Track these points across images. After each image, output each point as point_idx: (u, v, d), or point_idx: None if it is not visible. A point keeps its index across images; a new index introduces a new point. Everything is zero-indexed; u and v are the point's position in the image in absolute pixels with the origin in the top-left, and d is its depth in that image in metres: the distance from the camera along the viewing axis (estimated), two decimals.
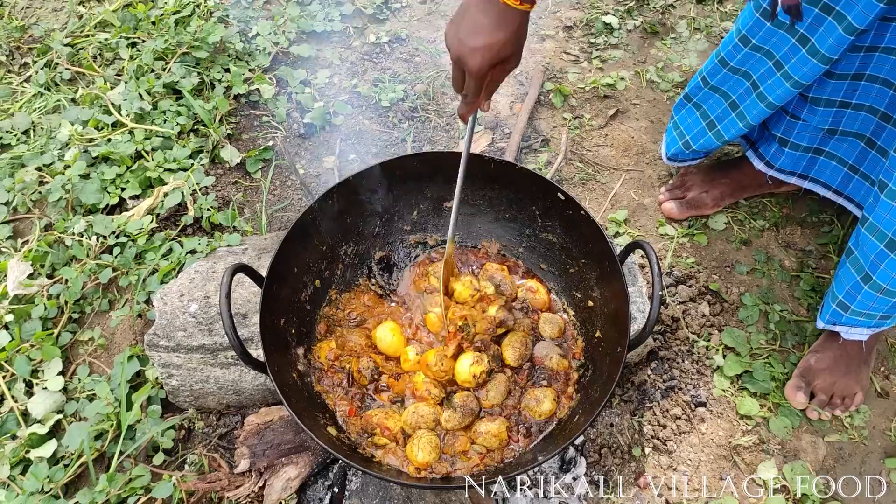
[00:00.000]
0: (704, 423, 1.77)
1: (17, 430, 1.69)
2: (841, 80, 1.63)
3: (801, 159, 1.90)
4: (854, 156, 1.78)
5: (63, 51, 2.49)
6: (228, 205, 2.11)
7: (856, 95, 1.65)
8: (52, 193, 2.06)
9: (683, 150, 2.01)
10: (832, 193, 1.93)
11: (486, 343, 1.58)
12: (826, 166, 1.88)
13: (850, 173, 1.82)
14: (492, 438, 1.48)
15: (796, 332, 1.91)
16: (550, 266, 1.74)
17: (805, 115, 1.76)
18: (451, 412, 1.51)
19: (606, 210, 2.16)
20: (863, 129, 1.70)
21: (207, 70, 2.40)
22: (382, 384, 1.59)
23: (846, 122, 1.72)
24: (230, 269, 1.36)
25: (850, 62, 1.58)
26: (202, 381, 1.65)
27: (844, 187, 1.88)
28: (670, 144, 2.07)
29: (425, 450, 1.45)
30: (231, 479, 1.60)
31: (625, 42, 2.67)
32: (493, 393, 1.54)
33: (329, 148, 2.30)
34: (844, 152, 1.80)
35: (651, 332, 1.46)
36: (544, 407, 1.53)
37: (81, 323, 1.90)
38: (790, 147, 1.87)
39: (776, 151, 1.92)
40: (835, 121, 1.73)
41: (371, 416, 1.52)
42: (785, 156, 1.90)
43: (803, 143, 1.85)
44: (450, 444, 1.49)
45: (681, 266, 2.03)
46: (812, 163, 1.90)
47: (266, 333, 1.42)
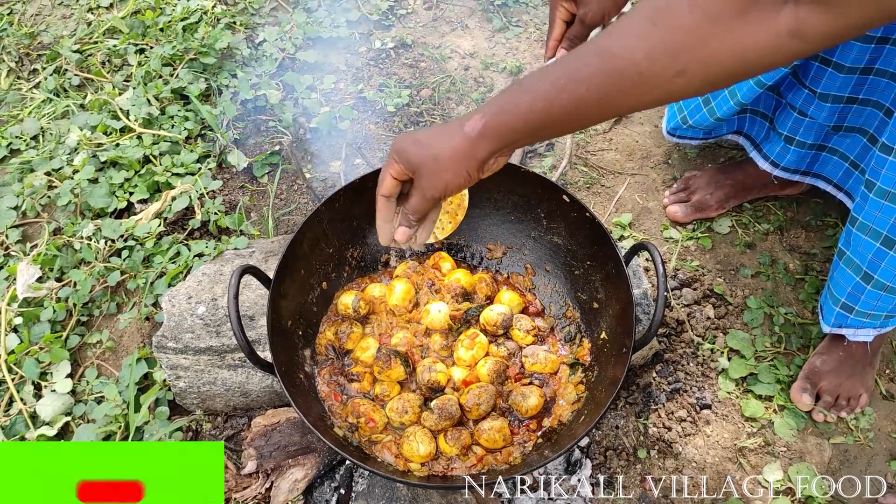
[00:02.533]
0: (710, 425, 1.77)
1: (26, 432, 1.70)
2: (850, 74, 1.61)
3: (805, 156, 1.90)
4: (856, 151, 1.78)
5: (72, 57, 2.52)
6: (235, 208, 2.13)
7: (863, 90, 1.63)
8: (61, 197, 2.08)
9: (681, 124, 2.02)
10: (833, 188, 1.93)
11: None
12: (828, 161, 1.87)
13: (851, 169, 1.82)
14: (496, 434, 1.47)
15: (801, 334, 1.92)
16: (556, 268, 1.75)
17: (812, 112, 1.76)
18: (428, 413, 1.52)
19: (611, 213, 2.17)
20: (867, 124, 1.69)
21: (215, 76, 2.42)
22: (353, 374, 1.60)
23: (851, 118, 1.71)
24: (238, 270, 1.37)
25: (862, 54, 1.56)
26: (210, 382, 1.66)
27: (845, 182, 1.88)
28: (670, 119, 2.08)
29: (423, 441, 1.45)
30: (238, 480, 1.61)
31: None
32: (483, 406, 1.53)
33: (335, 152, 2.31)
34: (847, 147, 1.79)
35: (656, 334, 1.46)
36: (531, 402, 1.53)
37: (90, 326, 1.92)
38: (796, 145, 1.86)
39: (782, 150, 1.92)
40: (840, 117, 1.72)
41: (358, 405, 1.52)
42: (791, 154, 1.89)
43: (809, 140, 1.84)
44: (455, 436, 1.48)
45: (685, 269, 2.04)
46: (815, 159, 1.89)
47: (273, 335, 1.43)
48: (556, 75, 1.01)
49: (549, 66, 1.04)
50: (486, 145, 1.08)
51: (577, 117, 1.04)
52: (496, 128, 1.07)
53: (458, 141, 1.08)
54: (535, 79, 1.05)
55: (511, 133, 1.07)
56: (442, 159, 1.09)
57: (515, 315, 1.67)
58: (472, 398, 1.51)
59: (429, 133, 1.12)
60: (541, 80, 1.03)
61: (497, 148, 1.09)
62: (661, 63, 0.94)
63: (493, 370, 1.56)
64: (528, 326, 1.65)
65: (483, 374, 1.57)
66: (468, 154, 1.08)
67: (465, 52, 2.65)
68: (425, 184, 1.12)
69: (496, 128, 1.07)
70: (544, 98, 1.02)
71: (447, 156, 1.09)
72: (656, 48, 0.93)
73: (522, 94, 1.05)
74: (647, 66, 0.94)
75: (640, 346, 1.42)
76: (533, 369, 1.61)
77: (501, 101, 1.07)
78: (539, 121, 1.04)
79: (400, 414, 1.50)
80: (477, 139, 1.07)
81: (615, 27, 0.99)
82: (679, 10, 0.91)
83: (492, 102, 1.08)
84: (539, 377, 1.61)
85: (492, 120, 1.07)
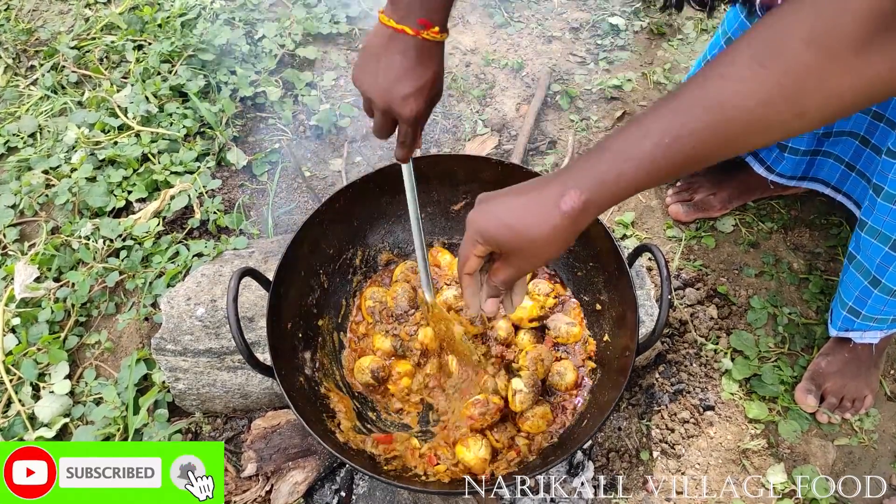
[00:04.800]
0: (713, 426, 1.76)
1: (24, 433, 1.69)
2: None
3: (801, 163, 1.89)
4: (850, 153, 1.77)
5: (69, 53, 2.50)
6: (235, 207, 2.11)
7: None
8: (59, 196, 2.06)
9: None
10: (831, 190, 1.92)
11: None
12: (824, 164, 1.87)
13: (847, 170, 1.81)
14: (539, 421, 1.50)
15: (805, 335, 1.90)
16: (558, 269, 1.73)
17: None
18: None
19: (613, 212, 2.15)
20: (856, 127, 1.69)
21: (213, 73, 2.40)
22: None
23: (838, 123, 1.71)
24: (237, 272, 1.36)
25: None
26: (209, 384, 1.65)
27: (842, 184, 1.87)
28: None
29: (487, 448, 1.46)
30: (238, 483, 1.60)
31: (631, 43, 2.67)
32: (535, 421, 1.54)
33: (335, 150, 2.29)
34: (841, 150, 1.79)
35: (660, 337, 1.45)
36: (569, 378, 1.55)
37: (88, 326, 1.90)
38: (789, 152, 1.86)
39: (777, 157, 1.91)
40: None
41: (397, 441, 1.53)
42: (785, 161, 1.89)
43: (802, 147, 1.84)
44: (501, 430, 1.50)
45: (688, 269, 2.02)
46: (811, 164, 1.89)
47: (273, 337, 1.41)
48: (658, 133, 0.90)
49: (644, 118, 0.92)
50: (587, 219, 0.98)
51: (682, 171, 0.94)
52: (598, 202, 0.96)
53: (558, 221, 0.97)
54: (632, 138, 0.92)
55: (613, 201, 0.98)
56: (540, 242, 0.99)
57: (532, 281, 1.71)
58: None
59: (516, 212, 1.01)
60: (641, 141, 0.91)
61: (597, 215, 1.01)
62: (777, 108, 0.84)
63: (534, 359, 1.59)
64: (547, 289, 1.68)
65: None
66: (569, 231, 0.98)
67: (466, 48, 2.62)
68: (521, 263, 1.04)
69: (598, 202, 0.96)
70: (651, 162, 0.91)
71: (546, 238, 0.98)
72: (771, 94, 0.83)
73: (624, 161, 0.93)
74: (761, 113, 0.85)
75: (644, 349, 1.41)
76: (556, 342, 1.63)
77: (600, 172, 0.95)
78: (644, 185, 0.94)
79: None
80: (579, 216, 0.96)
81: (716, 70, 0.87)
82: (792, 49, 0.81)
83: (587, 171, 0.96)
84: (565, 348, 1.64)
85: (594, 196, 0.96)
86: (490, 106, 2.43)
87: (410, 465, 1.47)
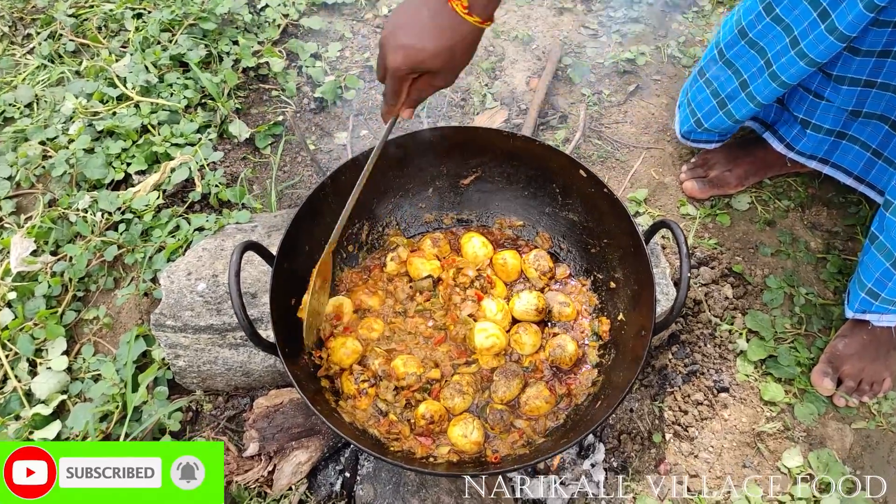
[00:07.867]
0: (727, 409, 1.71)
1: (21, 410, 1.65)
2: (867, 57, 1.56)
3: (823, 143, 1.83)
4: (878, 139, 1.72)
5: (67, 21, 2.43)
6: (237, 181, 2.05)
7: (882, 74, 1.58)
8: (56, 168, 2.01)
9: (696, 128, 1.95)
10: (853, 181, 1.87)
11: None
12: (849, 151, 1.81)
13: (874, 158, 1.76)
14: (542, 403, 1.45)
15: (822, 315, 1.85)
16: (571, 245, 1.68)
17: (829, 95, 1.69)
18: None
19: (626, 189, 2.09)
20: (888, 110, 1.64)
21: (215, 42, 2.33)
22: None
23: (871, 103, 1.65)
24: (240, 246, 1.30)
25: (878, 38, 1.51)
26: (210, 362, 1.60)
27: (866, 174, 1.82)
28: (683, 122, 2.01)
29: (479, 430, 1.41)
30: (240, 462, 1.56)
31: (645, 16, 2.59)
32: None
33: (341, 123, 2.23)
34: (868, 136, 1.73)
35: (678, 317, 1.40)
36: (569, 349, 1.51)
37: (86, 301, 1.86)
38: (812, 129, 1.80)
39: (797, 133, 1.85)
40: (859, 101, 1.66)
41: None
42: (807, 138, 1.83)
43: (826, 125, 1.78)
44: (496, 421, 1.44)
45: (703, 247, 1.97)
46: (834, 147, 1.83)
47: (276, 314, 1.37)
48: None
49: None
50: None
51: None
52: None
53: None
54: None
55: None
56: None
57: (535, 253, 1.67)
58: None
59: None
60: None
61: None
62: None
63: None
64: (545, 268, 1.64)
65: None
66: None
67: None
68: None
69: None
70: None
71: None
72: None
73: None
74: None
75: (660, 329, 1.36)
76: (550, 319, 1.59)
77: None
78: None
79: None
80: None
81: None
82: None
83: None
84: (562, 324, 1.60)
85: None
86: (499, 79, 2.36)
87: (414, 449, 1.42)
